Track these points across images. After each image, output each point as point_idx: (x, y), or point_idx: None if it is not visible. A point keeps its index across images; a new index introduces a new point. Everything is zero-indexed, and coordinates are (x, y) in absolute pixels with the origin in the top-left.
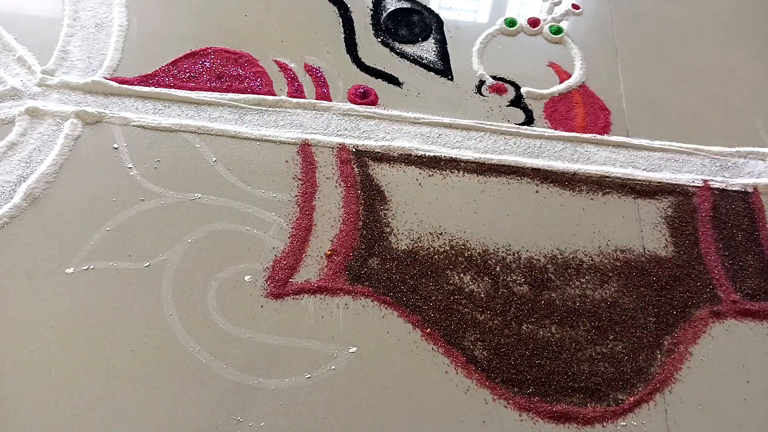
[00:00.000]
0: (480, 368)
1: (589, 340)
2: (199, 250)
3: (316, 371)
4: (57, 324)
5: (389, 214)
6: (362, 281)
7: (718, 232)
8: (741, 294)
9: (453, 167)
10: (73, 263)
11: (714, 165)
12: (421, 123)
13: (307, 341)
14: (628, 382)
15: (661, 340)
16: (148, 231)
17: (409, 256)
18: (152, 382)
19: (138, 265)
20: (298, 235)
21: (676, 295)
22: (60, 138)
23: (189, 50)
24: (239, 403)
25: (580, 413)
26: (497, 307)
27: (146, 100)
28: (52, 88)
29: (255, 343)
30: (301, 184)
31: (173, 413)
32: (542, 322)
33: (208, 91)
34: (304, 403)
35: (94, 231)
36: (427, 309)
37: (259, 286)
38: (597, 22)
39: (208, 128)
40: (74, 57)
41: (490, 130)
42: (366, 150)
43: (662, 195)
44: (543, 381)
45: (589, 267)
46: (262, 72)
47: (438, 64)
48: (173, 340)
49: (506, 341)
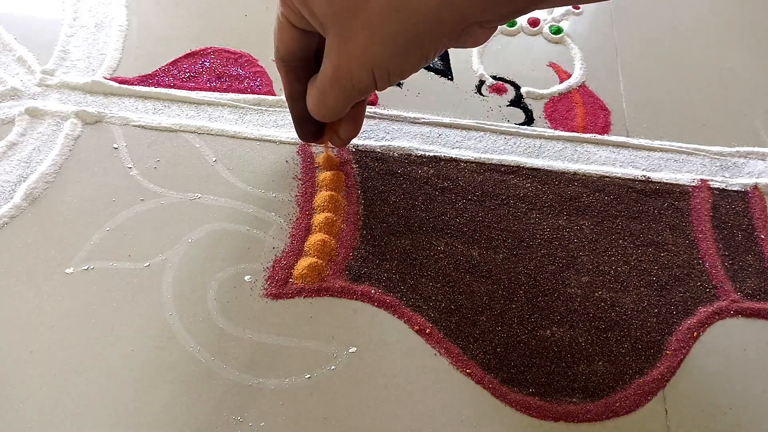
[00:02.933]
0: (480, 368)
1: (589, 341)
2: (199, 250)
3: (316, 371)
4: (57, 324)
5: (389, 214)
6: (362, 281)
7: (717, 232)
8: (741, 294)
9: (452, 167)
10: (73, 263)
11: (714, 165)
12: (421, 123)
13: (307, 341)
14: (627, 382)
15: (662, 340)
16: (148, 231)
17: (410, 255)
18: (152, 382)
19: (138, 265)
20: (298, 235)
21: (676, 295)
22: (60, 138)
23: (189, 50)
24: (239, 403)
25: (580, 412)
26: (497, 307)
27: (146, 99)
28: (51, 88)
29: (255, 343)
30: (301, 184)
31: (173, 413)
32: (542, 322)
33: (208, 91)
34: (304, 403)
35: (94, 231)
36: (427, 308)
37: (259, 285)
38: (597, 21)
39: (208, 128)
40: (74, 57)
41: (490, 130)
42: (366, 150)
43: (662, 195)
44: (543, 381)
45: (588, 267)
46: (262, 72)
47: (438, 63)
48: (173, 340)
49: (507, 341)
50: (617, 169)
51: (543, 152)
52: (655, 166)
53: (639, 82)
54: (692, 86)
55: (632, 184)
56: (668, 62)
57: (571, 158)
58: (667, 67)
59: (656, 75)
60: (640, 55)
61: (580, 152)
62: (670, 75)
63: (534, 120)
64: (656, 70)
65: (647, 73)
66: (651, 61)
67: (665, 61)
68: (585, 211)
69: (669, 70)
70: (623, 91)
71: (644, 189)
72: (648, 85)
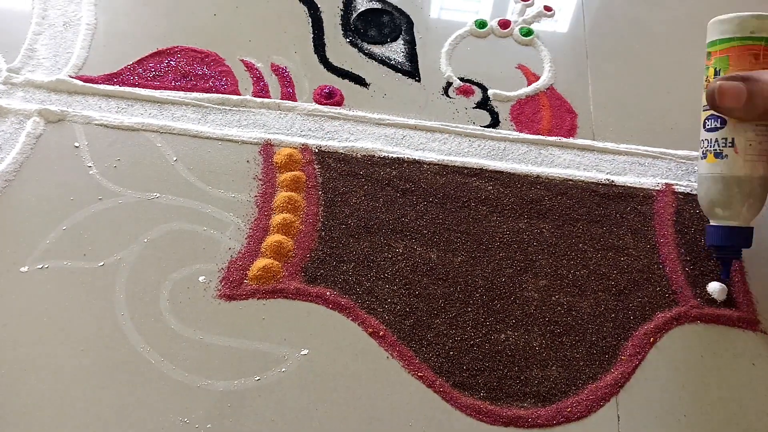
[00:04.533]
0: (432, 371)
1: (543, 345)
2: (155, 250)
3: (265, 373)
4: (9, 322)
5: (349, 215)
6: (318, 282)
7: (680, 237)
8: (700, 299)
9: (415, 169)
10: (28, 262)
11: (680, 169)
12: (386, 124)
13: (259, 343)
14: (580, 388)
15: (617, 345)
16: (105, 230)
17: (368, 257)
18: (100, 382)
19: (92, 264)
20: (255, 235)
21: (635, 299)
22: (21, 136)
23: (156, 49)
24: (186, 404)
25: (531, 417)
26: (453, 311)
27: (110, 98)
28: (16, 86)
29: (205, 344)
30: (261, 184)
31: (120, 414)
32: (497, 325)
33: (172, 90)
34: (252, 406)
35: (51, 230)
36: (382, 311)
37: (213, 286)
38: (568, 23)
39: (170, 127)
40: (41, 55)
41: (455, 132)
42: (329, 151)
43: (625, 198)
44: (495, 385)
45: (546, 271)
46: (227, 71)
47: (406, 65)
48: (123, 340)
49: (460, 344)
50: (581, 173)
51: (507, 155)
52: (619, 170)
53: (608, 84)
54: (662, 89)
55: (595, 188)
56: (639, 65)
57: (535, 161)
58: (637, 69)
59: (626, 78)
60: (611, 57)
61: (544, 155)
62: (640, 78)
63: (500, 122)
64: (626, 72)
65: (617, 75)
66: (621, 63)
67: (636, 63)
68: (546, 214)
69: (639, 73)
70: (591, 94)
71: (607, 193)
72: (617, 88)
